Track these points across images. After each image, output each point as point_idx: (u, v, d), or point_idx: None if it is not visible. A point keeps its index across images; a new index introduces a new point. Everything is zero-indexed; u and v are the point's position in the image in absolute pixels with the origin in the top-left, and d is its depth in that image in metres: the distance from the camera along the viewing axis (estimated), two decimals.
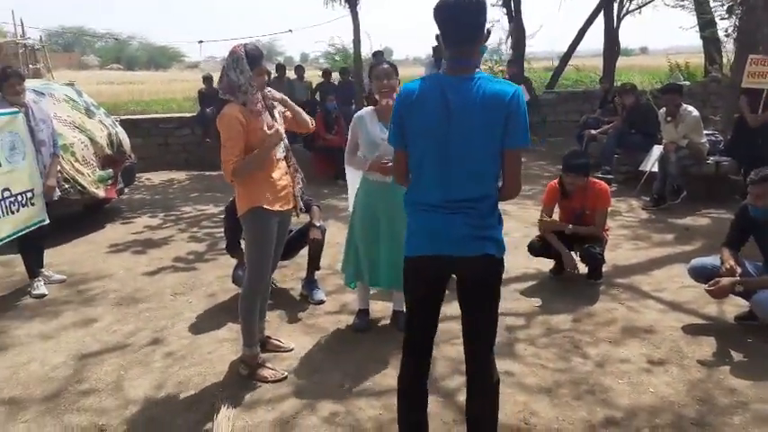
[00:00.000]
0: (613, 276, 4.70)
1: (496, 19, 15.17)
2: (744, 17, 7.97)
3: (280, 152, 3.26)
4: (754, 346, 3.50)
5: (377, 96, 3.52)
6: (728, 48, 14.47)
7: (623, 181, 7.79)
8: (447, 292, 2.36)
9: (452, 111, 2.14)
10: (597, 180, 4.73)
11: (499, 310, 2.35)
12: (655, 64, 23.57)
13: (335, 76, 11.89)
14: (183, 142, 11.09)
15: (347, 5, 10.38)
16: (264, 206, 3.14)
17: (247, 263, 3.30)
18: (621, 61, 15.82)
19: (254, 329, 3.35)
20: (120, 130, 7.24)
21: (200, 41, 14.16)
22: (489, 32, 2.26)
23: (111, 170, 6.73)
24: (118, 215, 7.27)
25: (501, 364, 2.43)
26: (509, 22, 14.37)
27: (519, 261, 4.99)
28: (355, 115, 3.63)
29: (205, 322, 4.10)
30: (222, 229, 6.30)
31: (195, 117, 11.09)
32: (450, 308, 2.88)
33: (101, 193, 6.45)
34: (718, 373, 3.23)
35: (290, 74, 12.19)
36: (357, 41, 10.35)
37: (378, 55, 11.25)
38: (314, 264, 4.50)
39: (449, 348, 3.53)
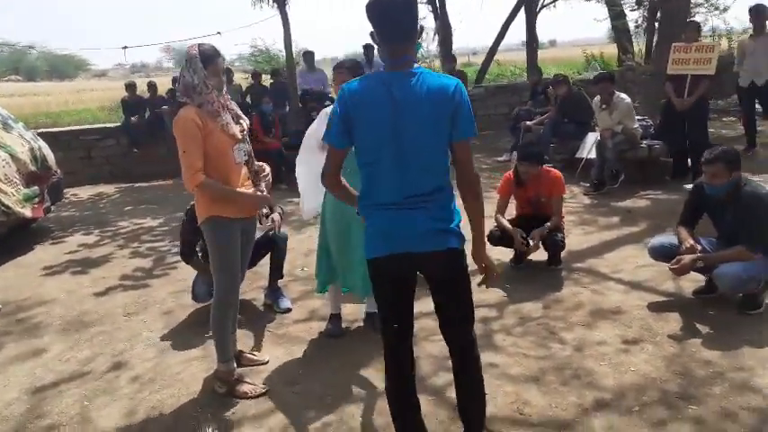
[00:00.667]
0: (571, 262, 4.80)
1: (422, 16, 15.36)
2: (662, 6, 8.34)
3: (241, 157, 3.11)
4: (717, 318, 3.66)
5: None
6: (639, 38, 15.33)
7: (561, 169, 7.94)
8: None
9: (400, 106, 2.12)
10: (551, 168, 4.83)
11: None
12: (566, 55, 24.61)
13: (265, 78, 11.59)
14: (106, 154, 10.52)
15: (275, 5, 10.13)
16: (223, 214, 2.99)
17: (214, 274, 3.13)
18: None
19: (228, 343, 3.19)
20: (42, 144, 6.77)
21: (125, 47, 13.40)
22: (423, 29, 2.27)
23: (36, 187, 6.29)
24: (47, 235, 6.76)
25: (483, 357, 2.42)
26: (435, 19, 14.55)
27: None
28: (326, 110, 3.53)
29: (167, 341, 3.86)
30: (167, 242, 6.07)
31: (120, 127, 10.53)
32: (423, 304, 2.87)
33: (27, 212, 6.02)
34: (691, 347, 3.35)
35: None
36: (288, 42, 10.13)
37: (308, 55, 11.07)
38: (277, 272, 4.34)
39: (429, 345, 3.49)
